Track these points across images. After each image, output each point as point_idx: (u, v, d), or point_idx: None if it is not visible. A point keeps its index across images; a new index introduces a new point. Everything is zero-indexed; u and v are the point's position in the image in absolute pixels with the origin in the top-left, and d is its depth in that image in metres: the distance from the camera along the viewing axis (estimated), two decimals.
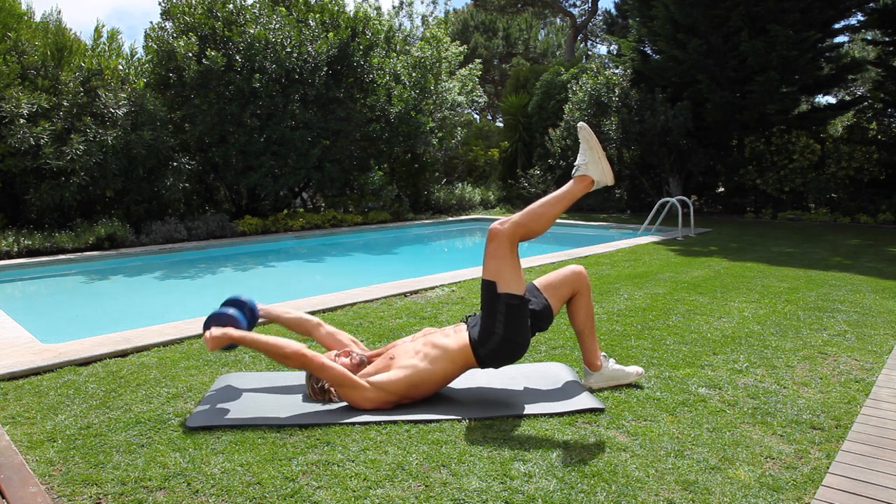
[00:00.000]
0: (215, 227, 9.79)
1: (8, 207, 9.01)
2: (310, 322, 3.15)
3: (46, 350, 3.61)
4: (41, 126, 8.32)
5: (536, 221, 2.75)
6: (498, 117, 27.17)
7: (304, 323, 3.15)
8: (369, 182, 12.00)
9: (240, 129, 10.28)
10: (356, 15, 11.78)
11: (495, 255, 2.71)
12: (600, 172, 2.80)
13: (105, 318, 5.62)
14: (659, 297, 5.04)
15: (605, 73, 13.79)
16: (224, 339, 2.74)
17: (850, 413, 2.73)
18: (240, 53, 10.20)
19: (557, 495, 2.05)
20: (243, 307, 2.98)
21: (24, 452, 2.37)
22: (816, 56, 11.60)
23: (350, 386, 2.70)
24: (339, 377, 2.70)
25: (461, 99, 14.11)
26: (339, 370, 2.71)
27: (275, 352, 2.72)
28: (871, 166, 11.53)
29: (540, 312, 2.84)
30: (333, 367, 2.71)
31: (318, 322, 3.15)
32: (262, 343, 2.74)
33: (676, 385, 3.03)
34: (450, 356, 2.74)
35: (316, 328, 3.12)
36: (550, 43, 30.59)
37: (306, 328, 3.14)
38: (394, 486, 2.11)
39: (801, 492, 2.09)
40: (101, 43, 9.91)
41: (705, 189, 14.28)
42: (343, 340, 3.08)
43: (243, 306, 2.99)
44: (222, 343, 2.75)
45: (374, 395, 2.70)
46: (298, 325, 3.16)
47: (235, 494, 2.06)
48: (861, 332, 4.01)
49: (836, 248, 8.13)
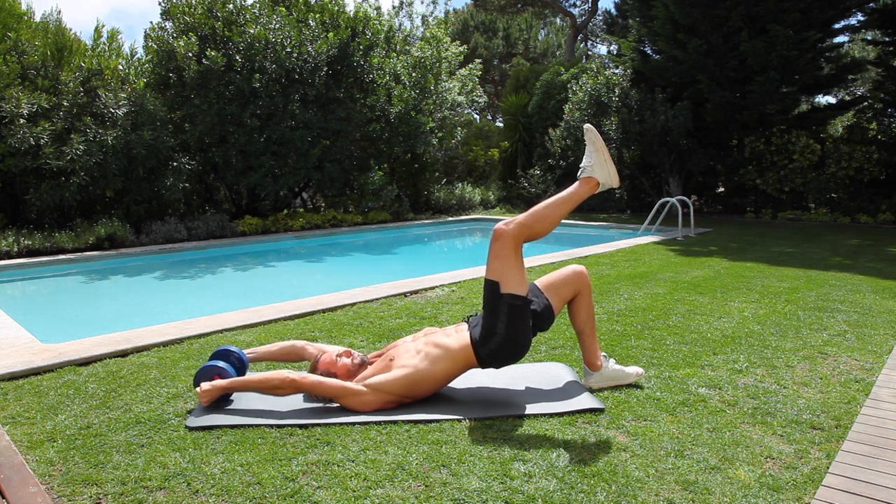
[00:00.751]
0: (215, 227, 9.79)
1: (8, 207, 9.01)
2: (296, 347, 3.15)
3: (46, 350, 3.61)
4: (41, 126, 8.32)
5: (541, 223, 2.75)
6: (498, 117, 27.17)
7: (291, 350, 3.15)
8: (369, 182, 12.00)
9: (240, 129, 10.28)
10: (356, 15, 11.78)
11: (499, 255, 2.71)
12: (606, 174, 2.81)
13: (105, 318, 5.62)
14: (659, 297, 5.04)
15: (605, 73, 13.79)
16: (215, 390, 2.74)
17: (850, 413, 2.73)
18: (240, 53, 10.20)
19: (557, 495, 2.05)
20: (230, 357, 3.01)
21: (24, 452, 2.37)
22: (816, 56, 11.60)
23: (347, 395, 2.71)
24: (334, 390, 2.71)
25: (461, 99, 14.11)
26: (333, 384, 2.71)
27: (265, 387, 2.74)
28: (871, 166, 11.53)
29: (541, 313, 2.84)
30: (325, 381, 2.71)
31: (304, 343, 3.15)
32: (252, 383, 2.76)
33: (676, 385, 3.03)
34: (451, 356, 2.74)
35: (304, 350, 3.12)
36: (550, 43, 30.59)
37: (296, 353, 3.13)
38: (394, 486, 2.11)
39: (801, 492, 2.09)
40: (101, 43, 9.91)
41: (705, 189, 14.28)
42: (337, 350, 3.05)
43: (230, 356, 3.01)
44: (214, 395, 2.75)
45: (372, 397, 2.70)
46: (287, 354, 3.15)
47: (235, 494, 2.06)
48: (861, 332, 4.01)
49: (836, 248, 8.13)
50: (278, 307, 4.63)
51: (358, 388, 2.70)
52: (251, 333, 4.00)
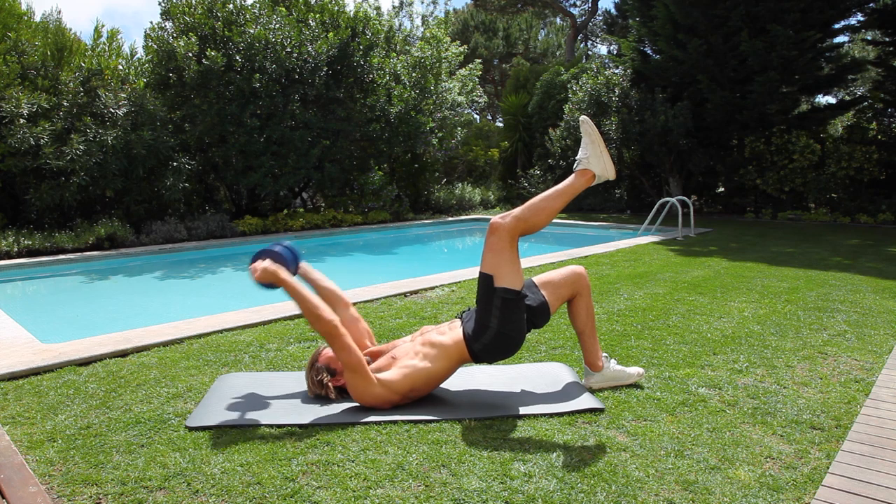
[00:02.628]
0: (215, 227, 9.79)
1: (8, 207, 9.01)
2: (341, 299, 3.06)
3: (46, 350, 3.61)
4: (41, 126, 8.32)
5: (537, 216, 2.74)
6: (498, 117, 27.16)
7: (335, 296, 3.05)
8: (369, 182, 11.99)
9: (240, 129, 10.27)
10: (356, 15, 11.78)
11: (495, 248, 2.70)
12: (602, 166, 2.79)
13: (105, 318, 5.61)
14: (659, 297, 5.04)
15: (605, 73, 13.79)
16: (274, 276, 2.67)
17: (850, 413, 2.73)
18: (240, 53, 10.20)
19: (557, 495, 2.05)
20: (293, 251, 2.92)
21: (24, 452, 2.36)
22: (816, 56, 11.59)
23: (362, 375, 2.66)
24: (355, 363, 2.65)
25: (461, 99, 14.11)
26: (359, 357, 2.66)
27: (311, 309, 2.64)
28: (871, 166, 11.53)
29: (536, 308, 2.83)
30: (355, 350, 2.66)
31: (348, 302, 3.08)
32: (303, 296, 2.66)
33: (676, 385, 3.03)
34: (446, 353, 2.74)
35: (344, 307, 3.04)
36: (550, 43, 30.59)
37: (335, 302, 3.02)
38: (394, 486, 2.11)
39: (801, 492, 2.09)
40: (101, 43, 9.91)
41: (705, 189, 14.28)
42: (362, 330, 3.05)
43: (293, 251, 2.92)
44: (269, 278, 2.66)
45: (380, 391, 2.68)
46: (330, 295, 3.04)
47: (235, 494, 2.06)
48: (861, 332, 4.01)
49: (836, 248, 8.13)
50: (278, 307, 4.63)
51: (372, 377, 2.69)
52: (251, 333, 4.00)
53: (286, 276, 2.69)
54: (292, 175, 10.76)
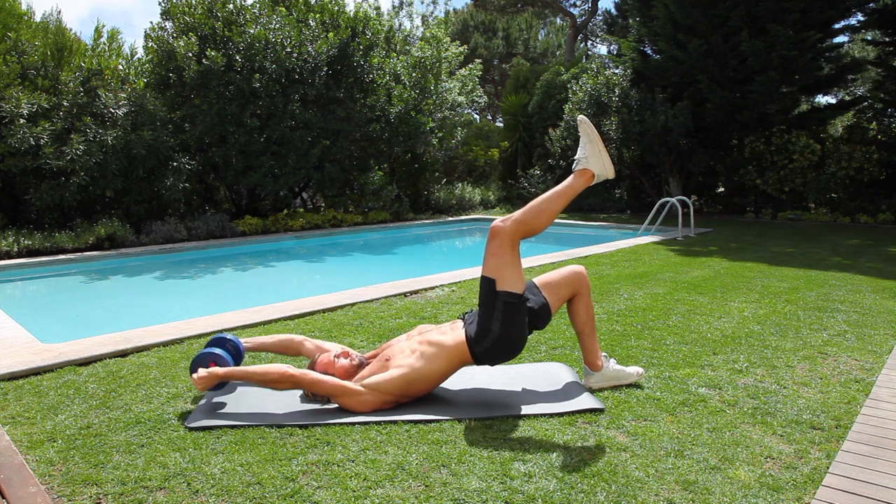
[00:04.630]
0: (215, 227, 9.79)
1: (8, 207, 9.01)
2: (293, 341, 3.15)
3: (46, 350, 3.61)
4: (41, 126, 8.32)
5: (538, 218, 2.74)
6: (498, 117, 27.16)
7: (288, 343, 3.15)
8: (369, 182, 11.99)
9: (240, 129, 10.27)
10: (356, 15, 11.78)
11: (496, 252, 2.70)
12: (601, 166, 2.79)
13: (105, 318, 5.61)
14: (659, 297, 5.04)
15: (605, 73, 13.78)
16: (211, 377, 2.74)
17: (850, 413, 2.73)
18: (240, 53, 10.20)
19: (557, 495, 2.05)
20: (226, 345, 3.01)
21: (24, 452, 2.36)
22: (816, 56, 11.59)
23: (345, 394, 2.70)
24: (332, 388, 2.71)
25: (461, 99, 14.11)
26: (331, 382, 2.71)
27: (263, 379, 2.74)
28: (871, 166, 11.53)
29: (537, 311, 2.84)
30: (324, 379, 2.71)
31: (302, 339, 3.15)
32: (248, 374, 2.75)
33: (676, 385, 3.03)
34: (447, 353, 2.74)
35: (301, 345, 3.12)
36: (550, 43, 30.59)
37: (293, 348, 3.13)
38: (394, 486, 2.11)
39: (801, 492, 2.09)
40: (101, 43, 9.91)
41: (705, 189, 14.28)
42: (332, 347, 3.06)
43: (226, 343, 3.01)
44: (210, 383, 2.74)
45: (370, 397, 2.70)
46: (284, 347, 3.15)
47: (235, 494, 2.06)
48: (861, 332, 4.01)
49: (836, 248, 8.12)
50: (278, 307, 4.63)
51: (356, 388, 2.70)
52: (251, 333, 4.00)
53: (223, 371, 2.76)
54: (292, 175, 10.76)
